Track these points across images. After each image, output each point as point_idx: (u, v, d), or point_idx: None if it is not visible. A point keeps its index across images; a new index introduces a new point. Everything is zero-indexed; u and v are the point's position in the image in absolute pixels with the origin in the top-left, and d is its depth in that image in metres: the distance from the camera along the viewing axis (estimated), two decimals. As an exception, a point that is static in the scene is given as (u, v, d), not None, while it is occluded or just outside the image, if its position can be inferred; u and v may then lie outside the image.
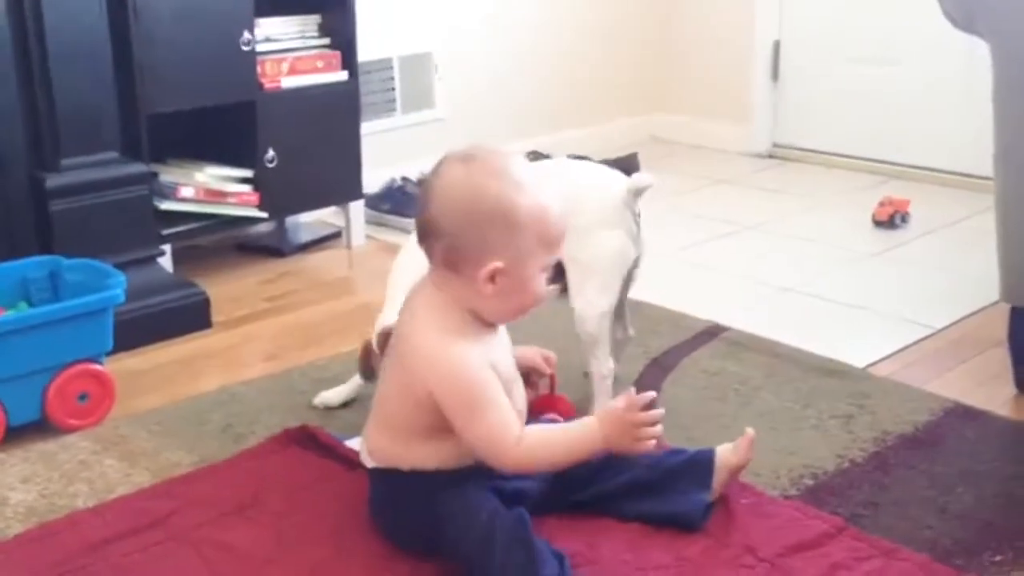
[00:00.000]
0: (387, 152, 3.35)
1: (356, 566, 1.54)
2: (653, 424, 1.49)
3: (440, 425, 1.50)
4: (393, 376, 1.57)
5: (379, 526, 1.60)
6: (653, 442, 1.50)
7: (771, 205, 3.38)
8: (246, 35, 2.64)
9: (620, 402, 1.49)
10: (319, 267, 2.94)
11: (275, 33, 2.79)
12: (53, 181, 2.30)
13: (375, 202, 3.19)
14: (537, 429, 1.53)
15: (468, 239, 1.48)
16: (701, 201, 3.45)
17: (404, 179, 3.24)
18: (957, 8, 1.99)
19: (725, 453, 1.65)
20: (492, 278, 1.48)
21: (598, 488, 1.63)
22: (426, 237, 1.51)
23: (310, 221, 3.19)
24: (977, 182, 3.16)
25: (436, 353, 1.49)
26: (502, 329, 1.60)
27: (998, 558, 1.56)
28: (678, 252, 2.94)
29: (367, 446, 1.61)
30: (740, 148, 4.00)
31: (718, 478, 1.64)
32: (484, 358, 1.50)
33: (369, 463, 1.60)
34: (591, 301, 1.89)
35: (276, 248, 3.01)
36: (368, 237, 3.09)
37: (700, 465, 1.65)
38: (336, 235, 3.11)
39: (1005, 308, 2.13)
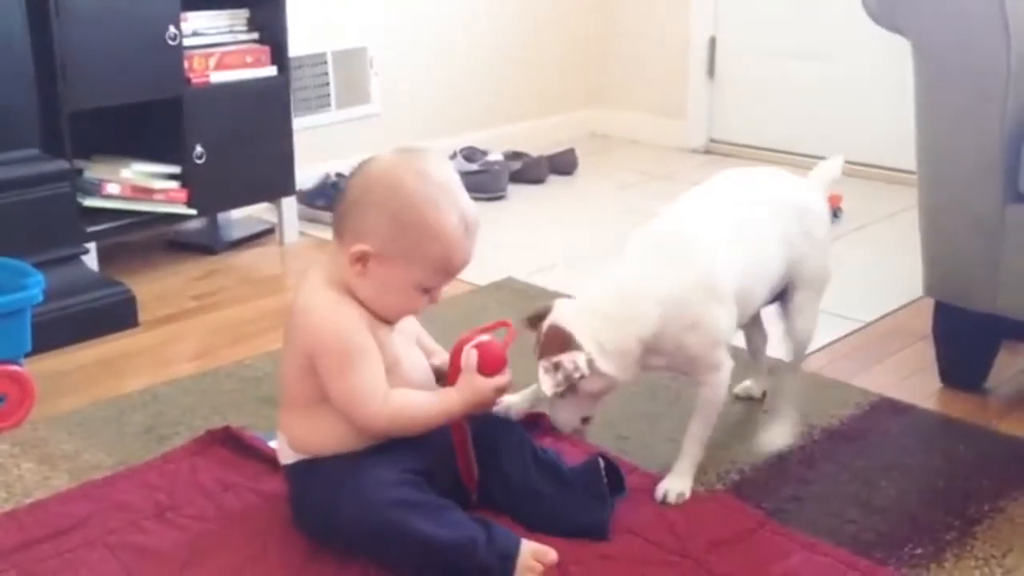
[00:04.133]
0: (321, 148, 3.31)
1: (278, 569, 1.52)
2: (504, 389, 1.58)
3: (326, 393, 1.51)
4: (286, 347, 1.56)
5: (301, 524, 1.58)
6: (502, 403, 1.67)
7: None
8: (172, 29, 2.60)
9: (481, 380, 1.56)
10: (250, 264, 2.91)
11: (203, 27, 2.74)
12: (-31, 179, 2.25)
13: (309, 198, 3.16)
14: (402, 392, 1.53)
15: (356, 212, 1.50)
16: (638, 196, 3.45)
17: (339, 175, 3.21)
18: (879, 5, 2.00)
19: None
20: (360, 259, 1.49)
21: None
22: (337, 201, 1.56)
23: (242, 217, 3.15)
24: (909, 177, 3.15)
25: (316, 310, 1.51)
26: (403, 326, 1.60)
27: (919, 551, 1.58)
28: (615, 248, 2.93)
29: (285, 437, 1.59)
30: (677, 143, 4.01)
31: None
32: (364, 323, 1.51)
33: (288, 458, 1.58)
34: (813, 318, 1.87)
35: (207, 245, 2.97)
36: (302, 233, 3.06)
37: (591, 477, 1.62)
38: (269, 231, 3.07)
39: (932, 302, 2.15)
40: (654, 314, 1.57)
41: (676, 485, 1.67)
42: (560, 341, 1.57)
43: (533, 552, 1.47)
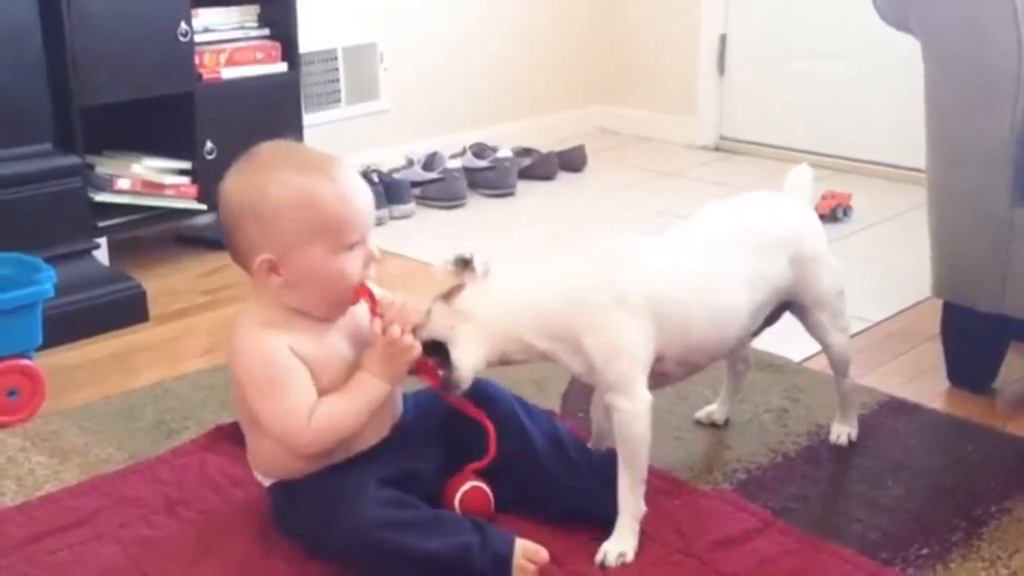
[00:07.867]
0: (331, 143, 3.28)
1: (284, 564, 1.53)
2: (412, 347, 1.49)
3: None
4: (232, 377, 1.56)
5: (290, 539, 1.57)
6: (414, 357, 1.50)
7: (716, 198, 3.38)
8: (183, 25, 2.61)
9: (376, 341, 1.49)
10: (260, 260, 2.91)
11: (214, 23, 2.76)
12: (-19, 174, 2.26)
13: (318, 194, 3.17)
14: (319, 404, 1.48)
15: (235, 238, 1.48)
16: (648, 194, 3.46)
17: (348, 171, 3.22)
18: (890, 6, 2.00)
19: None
20: (271, 270, 1.46)
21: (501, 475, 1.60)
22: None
23: (252, 213, 3.15)
24: (918, 176, 3.15)
25: (240, 343, 1.49)
26: (352, 316, 1.56)
27: (925, 551, 1.58)
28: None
29: (251, 462, 1.60)
30: (686, 140, 4.01)
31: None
32: (287, 344, 1.47)
33: (264, 480, 1.59)
34: (844, 331, 1.83)
35: (217, 240, 2.95)
36: (311, 229, 3.07)
37: (610, 470, 1.60)
38: (279, 227, 3.07)
39: (940, 302, 2.15)
40: (545, 301, 1.54)
41: (616, 547, 1.53)
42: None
43: (524, 551, 1.47)
